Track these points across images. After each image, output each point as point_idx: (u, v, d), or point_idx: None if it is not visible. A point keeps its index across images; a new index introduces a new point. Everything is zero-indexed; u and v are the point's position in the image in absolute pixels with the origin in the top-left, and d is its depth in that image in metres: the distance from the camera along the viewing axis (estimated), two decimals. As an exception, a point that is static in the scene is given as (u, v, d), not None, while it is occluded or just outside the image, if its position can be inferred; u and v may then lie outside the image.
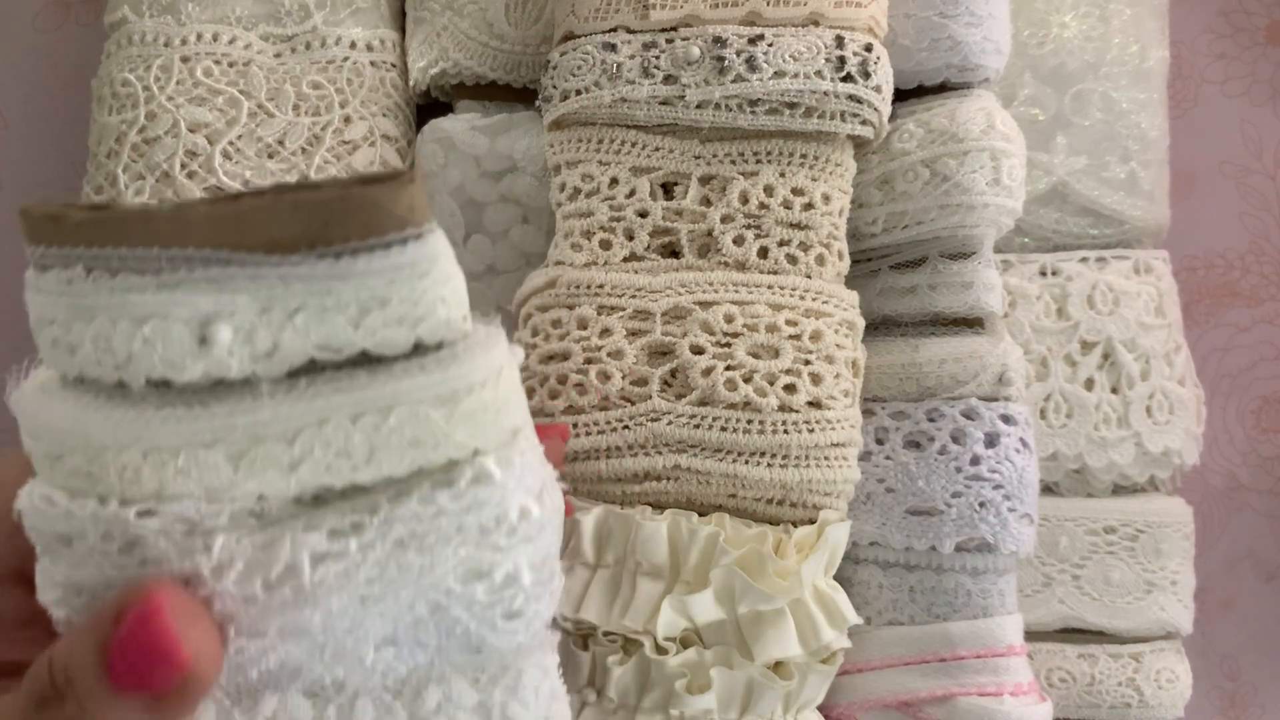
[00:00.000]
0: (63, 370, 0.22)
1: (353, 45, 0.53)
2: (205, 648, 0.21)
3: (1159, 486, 0.55)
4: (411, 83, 0.53)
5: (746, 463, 0.41)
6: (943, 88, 0.49)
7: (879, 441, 0.47)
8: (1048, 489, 0.54)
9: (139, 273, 0.20)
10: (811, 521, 0.42)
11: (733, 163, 0.44)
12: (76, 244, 0.21)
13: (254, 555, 0.21)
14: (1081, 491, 0.54)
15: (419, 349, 0.22)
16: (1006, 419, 0.46)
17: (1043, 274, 0.55)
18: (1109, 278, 0.54)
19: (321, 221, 0.20)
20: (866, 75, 0.43)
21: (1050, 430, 0.53)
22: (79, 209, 0.21)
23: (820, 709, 0.43)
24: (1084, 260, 0.55)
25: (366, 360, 0.21)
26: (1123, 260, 0.55)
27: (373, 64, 0.53)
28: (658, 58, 0.44)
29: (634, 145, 0.45)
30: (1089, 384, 0.54)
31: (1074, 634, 0.53)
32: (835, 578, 0.43)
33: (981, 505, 0.45)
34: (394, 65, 0.54)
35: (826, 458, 0.41)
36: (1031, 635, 0.50)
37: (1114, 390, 0.54)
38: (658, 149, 0.45)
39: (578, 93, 0.44)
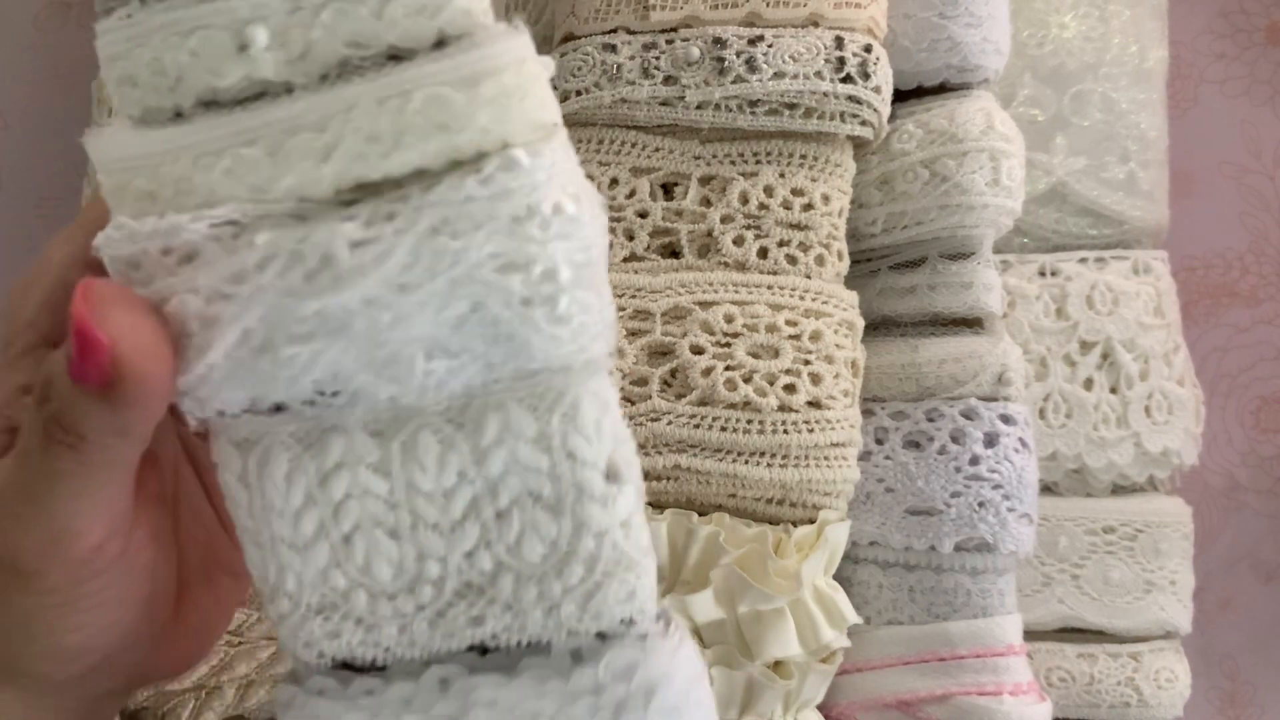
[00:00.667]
0: (128, 110, 0.24)
1: (353, 45, 0.53)
2: (132, 334, 0.22)
3: (1158, 486, 0.55)
4: (412, 83, 0.53)
5: (746, 463, 0.41)
6: (942, 88, 0.49)
7: (879, 441, 0.47)
8: (1047, 489, 0.54)
9: None
10: (811, 521, 0.42)
11: (732, 163, 0.44)
12: None
13: (294, 247, 0.22)
14: (1081, 491, 0.54)
15: (442, 44, 0.23)
16: (1006, 419, 0.46)
17: (1042, 274, 0.55)
18: (1108, 278, 0.54)
19: None
20: (866, 76, 0.43)
21: (1049, 430, 0.53)
22: None
23: (820, 708, 0.44)
24: (1083, 260, 0.55)
25: (394, 58, 0.23)
26: (1122, 260, 0.55)
27: (373, 64, 0.53)
28: (658, 58, 0.44)
29: (634, 146, 0.45)
30: (1088, 384, 0.54)
31: (1073, 633, 0.53)
32: (835, 577, 0.43)
33: (981, 505, 0.45)
34: (394, 65, 0.54)
35: (826, 457, 0.42)
36: (1031, 635, 0.50)
37: (1113, 390, 0.54)
38: (658, 149, 0.45)
39: (578, 93, 0.44)
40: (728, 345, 0.42)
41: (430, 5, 0.22)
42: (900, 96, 0.47)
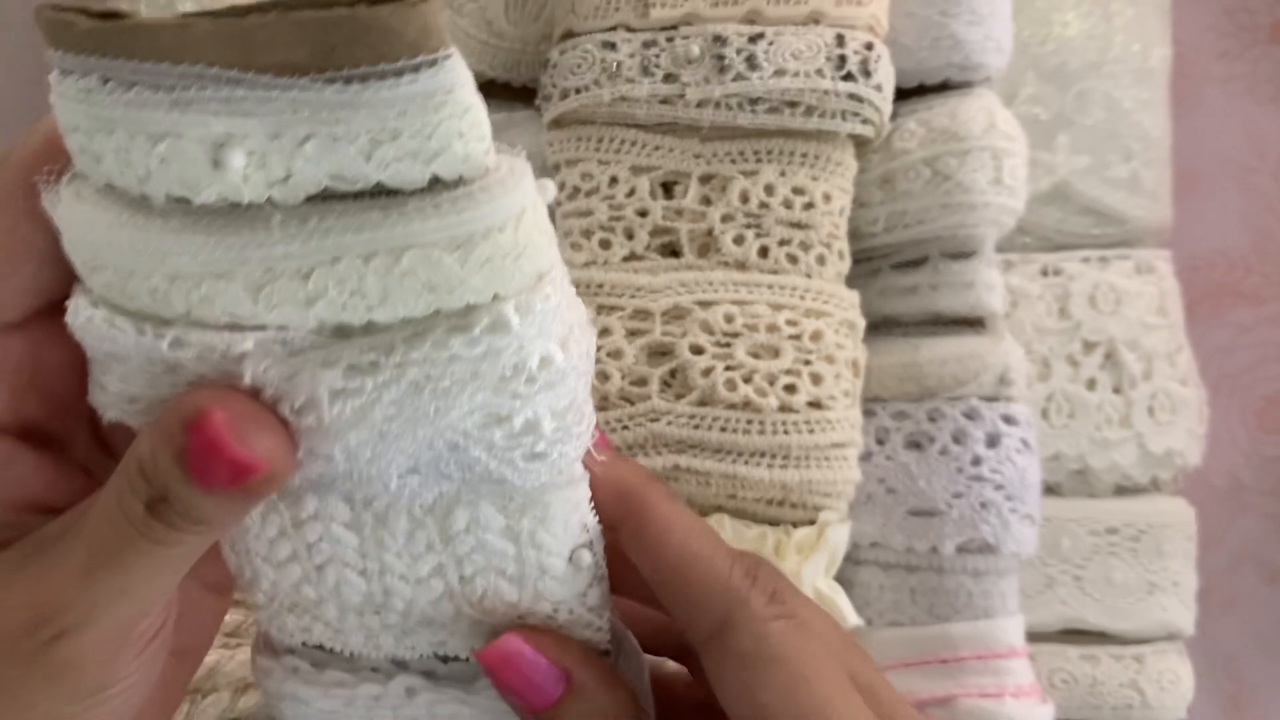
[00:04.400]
0: (92, 176, 0.22)
1: (351, 43, 0.53)
2: (275, 446, 0.21)
3: (1161, 487, 0.55)
4: (410, 81, 0.53)
5: (746, 463, 0.41)
6: (944, 86, 0.49)
7: (880, 442, 0.47)
8: (1049, 489, 0.53)
9: (153, 88, 0.20)
10: (812, 522, 0.41)
11: (733, 162, 0.44)
12: (90, 53, 0.20)
13: (279, 385, 0.21)
14: (1083, 492, 0.54)
15: (436, 184, 0.21)
16: (1008, 419, 0.46)
17: (1044, 274, 0.54)
18: (1111, 277, 0.54)
19: (328, 45, 0.19)
20: (867, 74, 0.43)
21: (1052, 430, 0.53)
22: (90, 15, 0.20)
23: (821, 711, 0.43)
24: (1086, 260, 0.55)
25: (382, 193, 0.21)
26: (1125, 260, 0.55)
27: (371, 62, 0.53)
28: (658, 56, 0.43)
29: (634, 144, 0.44)
30: (1091, 384, 0.53)
31: (1076, 635, 0.53)
32: (836, 579, 0.42)
33: (983, 506, 0.44)
34: (393, 64, 0.54)
35: (827, 458, 0.41)
36: (1033, 636, 0.49)
37: (1116, 390, 0.53)
38: (658, 148, 0.44)
39: (577, 91, 0.44)
40: (728, 345, 0.42)
41: (424, 151, 0.20)
42: (902, 95, 0.47)
